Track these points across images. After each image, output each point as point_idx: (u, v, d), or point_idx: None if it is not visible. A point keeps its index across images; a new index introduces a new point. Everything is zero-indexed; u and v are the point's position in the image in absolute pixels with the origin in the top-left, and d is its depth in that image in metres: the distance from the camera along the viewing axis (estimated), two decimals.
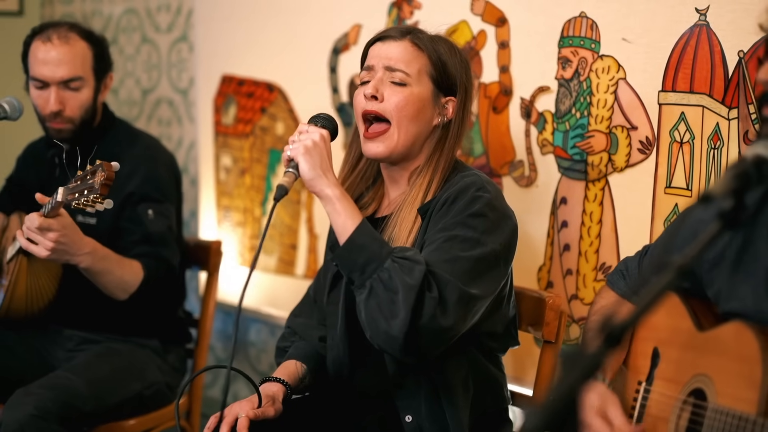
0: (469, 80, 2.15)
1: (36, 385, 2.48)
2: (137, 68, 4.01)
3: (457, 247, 1.94)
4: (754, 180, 1.32)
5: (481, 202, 1.99)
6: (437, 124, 2.13)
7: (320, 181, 1.99)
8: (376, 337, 1.91)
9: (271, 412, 2.03)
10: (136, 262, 2.69)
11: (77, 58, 2.74)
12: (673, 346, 1.79)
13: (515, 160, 2.58)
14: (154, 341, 2.83)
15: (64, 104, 2.74)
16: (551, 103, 2.49)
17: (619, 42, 2.33)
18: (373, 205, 2.21)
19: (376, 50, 2.12)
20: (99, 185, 2.23)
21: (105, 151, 2.83)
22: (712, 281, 1.72)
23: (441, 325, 1.87)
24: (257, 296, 3.43)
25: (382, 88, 2.08)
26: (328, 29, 3.06)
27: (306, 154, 1.99)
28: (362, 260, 1.92)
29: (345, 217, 1.97)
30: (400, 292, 1.86)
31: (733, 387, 1.56)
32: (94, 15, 4.23)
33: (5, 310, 2.72)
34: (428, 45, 2.10)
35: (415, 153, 2.13)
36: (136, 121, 4.02)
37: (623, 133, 2.33)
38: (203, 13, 3.61)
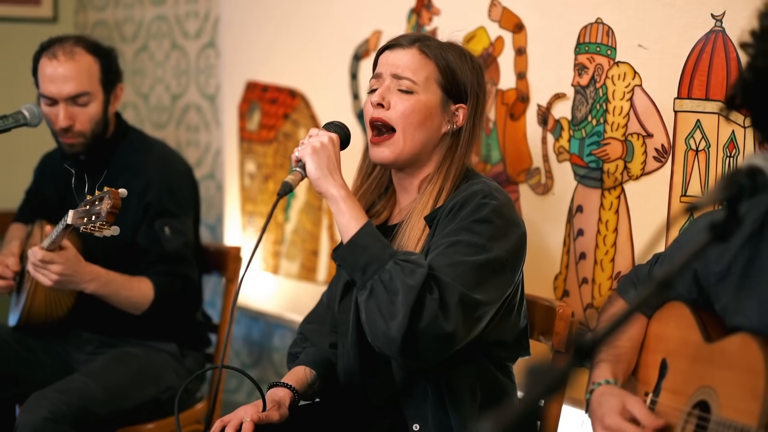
0: (481, 87, 2.13)
1: (51, 389, 2.51)
2: (167, 74, 4.05)
3: (461, 251, 1.93)
4: (747, 190, 1.29)
5: (487, 208, 1.98)
6: (447, 132, 2.12)
7: (326, 180, 1.99)
8: (375, 338, 1.91)
9: (276, 416, 2.04)
10: (146, 281, 2.73)
11: (83, 74, 2.76)
12: (681, 358, 1.77)
13: (532, 168, 2.56)
14: (171, 345, 2.85)
15: (74, 119, 2.76)
16: (568, 110, 2.46)
17: (635, 48, 2.30)
18: (385, 213, 2.21)
19: (385, 58, 2.13)
20: (105, 213, 2.27)
21: (120, 161, 2.86)
22: (719, 296, 1.69)
23: (442, 328, 1.86)
24: (280, 302, 3.43)
25: (388, 95, 2.08)
26: (349, 35, 3.06)
27: (313, 154, 2.00)
28: (364, 260, 1.92)
29: (349, 217, 1.97)
30: (400, 293, 1.85)
31: (736, 399, 1.54)
32: (126, 22, 4.27)
33: (25, 317, 2.76)
34: (436, 52, 2.09)
35: (424, 160, 2.13)
36: (165, 127, 4.05)
37: (639, 141, 2.30)
38: (229, 20, 3.63)
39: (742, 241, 1.64)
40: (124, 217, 2.77)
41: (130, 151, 2.91)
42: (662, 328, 1.87)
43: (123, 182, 2.80)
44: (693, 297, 1.79)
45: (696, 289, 1.77)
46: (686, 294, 1.81)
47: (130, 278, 2.72)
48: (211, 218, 3.83)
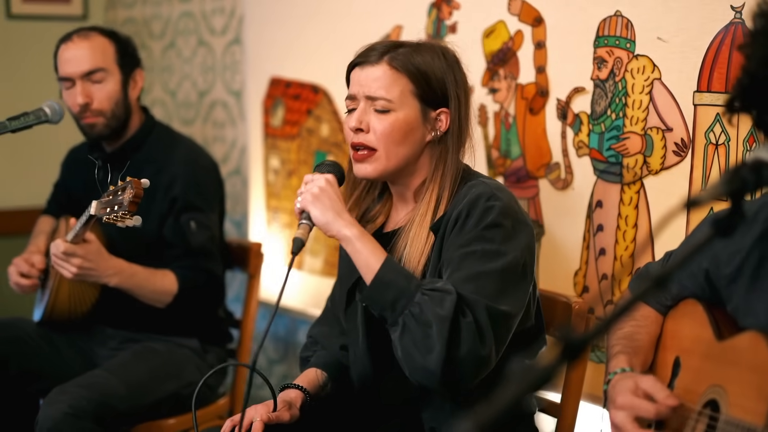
0: (459, 84, 2.06)
1: (72, 384, 2.53)
2: (194, 70, 4.06)
3: (478, 262, 1.89)
4: (751, 185, 1.26)
5: (494, 211, 1.93)
6: (431, 140, 2.06)
7: (335, 224, 1.96)
8: (414, 373, 1.88)
9: (286, 416, 2.03)
10: (170, 274, 2.75)
11: (97, 51, 2.81)
12: (693, 356, 1.74)
13: (551, 163, 2.53)
14: (193, 341, 2.86)
15: (91, 97, 2.80)
16: (587, 104, 2.43)
17: (654, 41, 2.27)
18: (381, 219, 2.17)
19: (356, 77, 2.06)
20: (127, 202, 2.28)
21: (146, 156, 2.88)
22: (731, 297, 1.66)
23: (480, 353, 1.83)
24: (303, 298, 3.44)
25: (366, 118, 2.03)
26: (370, 30, 3.05)
27: (315, 201, 1.96)
28: (391, 297, 1.88)
29: (367, 255, 1.94)
30: (433, 325, 1.82)
31: (744, 398, 1.51)
32: (154, 18, 4.29)
33: (49, 312, 2.78)
34: (406, 63, 2.01)
35: (412, 170, 2.08)
36: (192, 123, 4.07)
37: (658, 135, 2.27)
38: (252, 16, 3.64)
39: (753, 241, 1.61)
40: (150, 211, 2.80)
41: (157, 145, 2.92)
42: (677, 326, 1.85)
43: (148, 176, 2.81)
44: (707, 296, 1.77)
45: (708, 289, 1.75)
46: (699, 293, 1.78)
47: (153, 272, 2.74)
48: (237, 214, 3.84)
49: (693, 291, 1.80)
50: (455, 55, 2.10)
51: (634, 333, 1.86)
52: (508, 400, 0.92)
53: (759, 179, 1.28)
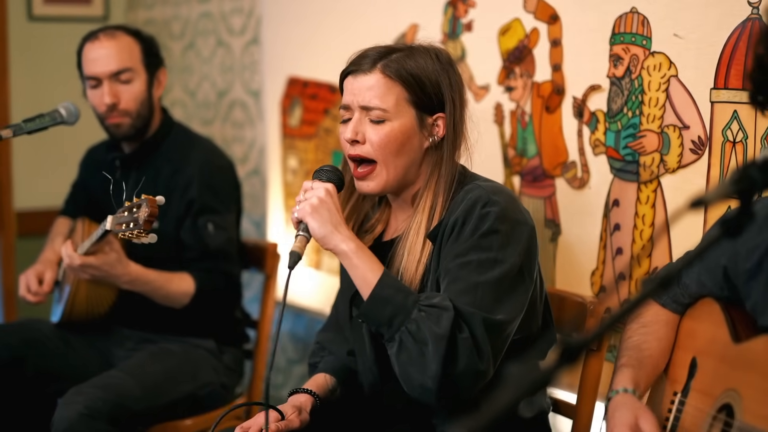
0: (454, 87, 2.02)
1: (87, 385, 2.53)
2: (213, 71, 4.06)
3: (475, 272, 1.87)
4: (760, 184, 1.24)
5: (490, 218, 1.90)
6: (428, 146, 2.03)
7: (333, 237, 1.93)
8: (411, 390, 1.87)
9: (296, 423, 2.02)
10: (187, 277, 2.75)
11: (124, 51, 2.81)
12: (709, 357, 1.72)
13: (568, 161, 2.51)
14: (209, 342, 2.86)
15: (118, 97, 2.80)
16: (603, 102, 2.40)
17: (670, 38, 2.24)
18: (380, 227, 2.15)
19: (349, 86, 2.02)
20: (143, 221, 2.29)
21: (164, 156, 2.88)
22: (750, 293, 1.64)
23: (477, 368, 1.82)
24: (322, 298, 3.43)
25: (361, 128, 2.00)
26: (386, 29, 3.03)
27: (314, 213, 1.93)
28: (388, 314, 1.86)
29: (364, 270, 1.91)
30: (429, 343, 1.80)
31: (759, 404, 1.49)
32: (173, 19, 4.30)
33: (67, 314, 2.79)
34: (400, 70, 1.98)
35: (411, 179, 2.05)
36: (212, 123, 4.07)
37: (675, 133, 2.24)
38: (270, 15, 3.63)
39: None
40: (167, 212, 2.80)
41: (174, 146, 2.93)
42: (694, 326, 1.82)
43: (165, 176, 2.84)
44: (725, 294, 1.74)
45: (727, 286, 1.72)
46: (718, 291, 1.75)
47: (170, 276, 2.74)
48: (256, 214, 3.84)
49: (711, 289, 1.77)
50: (449, 57, 2.06)
51: (642, 342, 1.84)
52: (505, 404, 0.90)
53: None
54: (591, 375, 2.14)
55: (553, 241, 2.57)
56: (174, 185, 2.83)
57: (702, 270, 1.79)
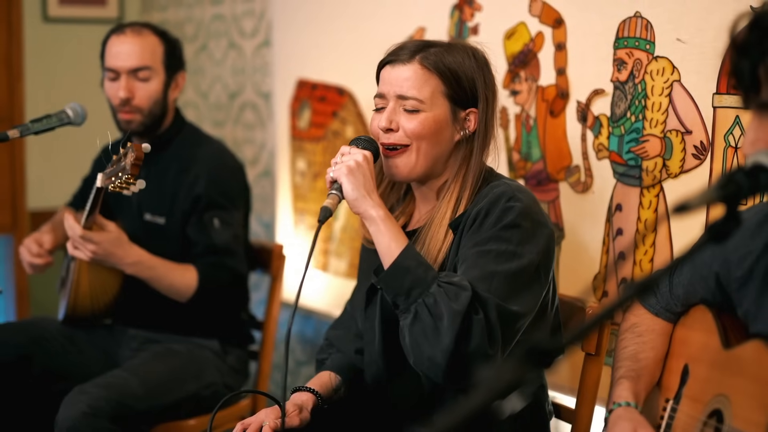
0: (488, 85, 2.06)
1: (91, 384, 2.54)
2: (225, 73, 4.08)
3: (493, 261, 1.88)
4: (746, 190, 1.23)
5: (513, 212, 1.92)
6: (459, 140, 2.06)
7: (364, 201, 1.95)
8: (420, 363, 1.88)
9: (296, 421, 2.02)
10: (191, 269, 2.76)
11: (146, 49, 2.83)
12: (701, 364, 1.71)
13: (572, 166, 2.50)
14: (213, 342, 2.87)
15: (133, 93, 2.82)
16: (607, 106, 2.40)
17: (673, 42, 2.23)
18: (403, 219, 2.17)
19: (387, 75, 2.06)
20: (129, 165, 2.31)
21: (173, 154, 2.90)
22: (741, 301, 1.63)
23: (487, 351, 1.82)
24: (329, 300, 3.44)
25: (396, 118, 2.03)
26: (393, 32, 3.03)
27: (349, 175, 1.95)
28: (408, 284, 1.88)
29: (389, 238, 1.93)
30: (445, 318, 1.81)
31: (747, 409, 1.48)
32: (187, 21, 4.32)
33: (72, 307, 2.80)
34: (438, 63, 2.01)
35: (440, 170, 2.08)
36: (223, 125, 4.09)
37: (678, 138, 2.23)
38: (280, 18, 3.65)
39: (764, 244, 1.58)
40: (173, 210, 2.82)
41: (184, 144, 2.95)
42: (687, 333, 1.82)
43: (174, 175, 2.86)
44: (718, 301, 1.73)
45: (719, 293, 1.71)
46: (710, 298, 1.75)
47: (174, 265, 2.76)
48: (266, 216, 3.85)
49: (703, 296, 1.77)
50: (485, 56, 2.09)
51: (639, 352, 1.84)
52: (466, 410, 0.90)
53: (755, 184, 1.25)
54: (590, 379, 2.14)
55: (557, 245, 2.56)
56: (181, 182, 2.85)
57: (694, 277, 1.78)
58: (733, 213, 1.22)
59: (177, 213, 2.84)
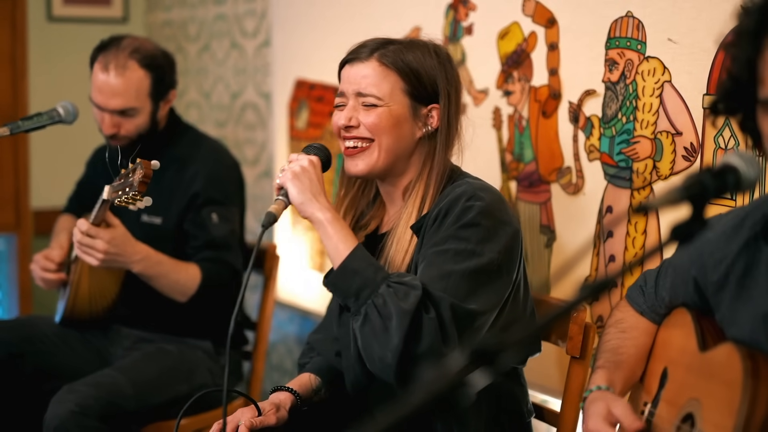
0: (451, 82, 2.05)
1: (80, 383, 2.54)
2: (227, 73, 4.08)
3: (450, 260, 1.87)
4: (712, 191, 1.21)
5: (473, 211, 1.91)
6: (421, 136, 2.05)
7: (310, 204, 1.95)
8: (372, 364, 1.87)
9: (273, 420, 2.01)
10: (194, 265, 2.75)
11: (131, 90, 2.76)
12: (679, 367, 1.69)
13: (563, 167, 2.48)
14: (206, 343, 2.86)
15: (119, 127, 2.79)
16: (598, 107, 2.38)
17: (664, 42, 2.21)
18: (374, 222, 2.16)
19: (346, 74, 2.07)
20: (137, 183, 2.29)
21: (170, 154, 2.89)
22: (718, 305, 1.61)
23: (441, 350, 1.80)
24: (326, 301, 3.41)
25: (355, 114, 2.03)
26: (389, 32, 2.98)
27: (294, 179, 1.97)
28: (356, 286, 1.87)
29: (337, 240, 1.93)
30: (394, 318, 1.80)
31: (716, 413, 1.46)
32: (190, 21, 4.32)
33: (69, 310, 2.80)
34: (396, 59, 2.02)
35: (402, 168, 2.07)
36: (225, 125, 4.08)
37: (668, 139, 2.21)
38: (279, 18, 3.64)
39: (739, 249, 1.55)
40: (171, 207, 2.81)
41: (180, 144, 2.94)
42: (668, 336, 1.80)
43: (171, 174, 2.85)
44: (697, 305, 1.71)
45: (698, 298, 1.69)
46: (690, 302, 1.73)
47: (178, 262, 2.75)
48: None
49: (684, 300, 1.75)
50: (448, 54, 2.09)
51: (620, 346, 1.81)
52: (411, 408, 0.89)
53: (722, 185, 1.23)
54: (575, 382, 2.12)
55: (548, 247, 2.54)
56: (179, 181, 2.85)
57: (676, 281, 1.76)
58: (698, 214, 1.20)
59: (173, 212, 2.83)
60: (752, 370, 1.41)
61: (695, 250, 1.65)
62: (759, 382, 1.40)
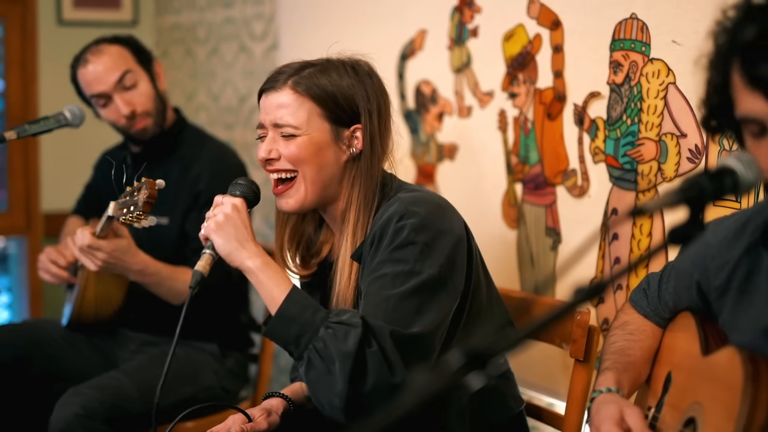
0: (372, 99, 1.99)
1: (86, 386, 2.55)
2: (235, 76, 4.08)
3: (389, 285, 1.83)
4: (709, 193, 1.20)
5: (404, 231, 1.85)
6: (347, 159, 2.00)
7: (238, 254, 1.91)
8: (321, 408, 1.85)
9: (264, 425, 2.01)
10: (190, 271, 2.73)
11: (117, 59, 2.84)
12: (682, 371, 1.68)
13: (568, 169, 2.47)
14: (212, 345, 2.87)
15: (133, 103, 2.82)
16: (603, 109, 2.37)
17: (668, 44, 2.20)
18: (326, 247, 2.12)
19: (263, 104, 2.01)
20: (142, 203, 2.29)
21: (176, 154, 2.91)
22: (721, 310, 1.60)
23: (390, 381, 1.77)
24: None
25: (275, 146, 1.97)
26: (396, 35, 3.03)
27: (218, 230, 1.93)
28: (295, 332, 1.83)
29: (271, 287, 1.88)
30: (336, 361, 1.76)
31: (717, 417, 1.45)
32: (199, 24, 4.33)
33: (76, 314, 2.81)
34: (310, 85, 1.96)
35: (334, 194, 2.01)
36: (234, 128, 4.09)
37: (673, 141, 2.20)
38: (286, 21, 3.65)
39: (740, 254, 1.54)
40: (175, 208, 2.82)
41: (186, 145, 2.96)
42: (672, 340, 1.79)
43: (177, 174, 2.86)
44: (701, 310, 1.70)
45: (701, 302, 1.68)
46: (694, 306, 1.72)
47: (175, 269, 2.75)
48: (270, 219, 3.84)
49: (688, 304, 1.74)
50: (368, 67, 2.04)
51: (627, 348, 1.80)
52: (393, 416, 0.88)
53: (720, 187, 1.22)
54: (578, 385, 2.11)
55: (553, 249, 2.54)
56: (184, 181, 2.86)
57: (679, 285, 1.76)
58: (695, 217, 1.19)
59: (179, 212, 2.84)
60: (753, 375, 1.40)
61: (698, 253, 1.64)
62: (759, 386, 1.39)
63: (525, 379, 2.49)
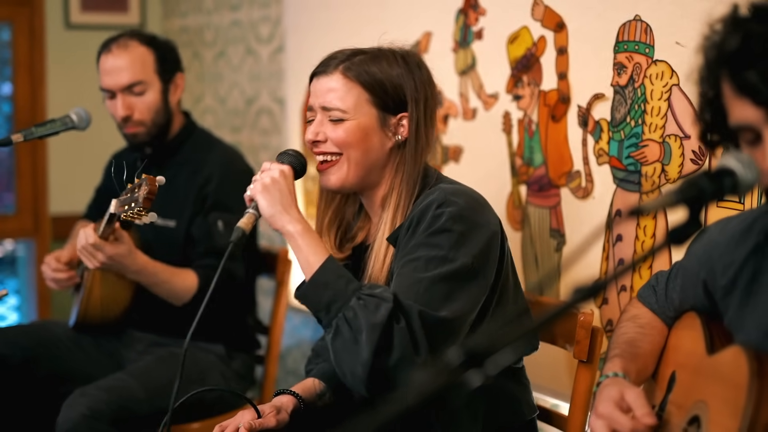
0: (420, 89, 2.03)
1: (92, 387, 2.56)
2: (242, 78, 4.10)
3: (421, 268, 1.86)
4: (708, 194, 1.21)
5: (443, 217, 1.89)
6: (392, 146, 2.04)
7: (281, 217, 1.94)
8: (343, 377, 1.88)
9: (273, 422, 2.02)
10: (191, 274, 2.76)
11: (136, 63, 2.82)
12: (686, 370, 1.69)
13: (572, 171, 2.48)
14: (218, 347, 2.88)
15: (132, 109, 2.83)
16: (607, 111, 2.38)
17: (672, 46, 2.20)
18: (362, 234, 2.16)
19: (313, 87, 2.06)
20: (142, 199, 2.30)
21: (183, 158, 2.93)
22: (727, 309, 1.60)
23: (413, 360, 1.80)
24: None
25: (322, 129, 2.02)
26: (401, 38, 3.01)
27: (264, 192, 1.96)
28: (327, 299, 1.86)
29: (308, 253, 1.92)
30: (363, 331, 1.80)
31: (722, 415, 1.45)
32: (206, 27, 4.35)
33: (82, 316, 2.82)
34: (361, 72, 2.01)
35: (376, 180, 2.06)
36: (240, 130, 4.10)
37: (676, 143, 2.20)
38: (293, 24, 3.66)
39: (747, 254, 1.55)
40: (183, 211, 2.83)
41: (194, 148, 2.97)
42: (677, 340, 1.79)
43: (185, 178, 2.87)
44: (707, 309, 1.71)
45: (707, 301, 1.69)
46: (700, 305, 1.72)
47: (175, 271, 2.76)
48: None
49: (694, 303, 1.74)
50: (417, 59, 2.08)
51: (637, 339, 1.80)
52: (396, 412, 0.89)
53: (719, 188, 1.23)
54: (582, 386, 2.11)
55: (558, 251, 2.54)
56: (192, 185, 2.87)
57: (686, 284, 1.76)
58: (695, 217, 1.19)
59: (186, 216, 2.85)
60: (758, 371, 1.41)
61: (705, 252, 1.65)
62: (765, 382, 1.39)
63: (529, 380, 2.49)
